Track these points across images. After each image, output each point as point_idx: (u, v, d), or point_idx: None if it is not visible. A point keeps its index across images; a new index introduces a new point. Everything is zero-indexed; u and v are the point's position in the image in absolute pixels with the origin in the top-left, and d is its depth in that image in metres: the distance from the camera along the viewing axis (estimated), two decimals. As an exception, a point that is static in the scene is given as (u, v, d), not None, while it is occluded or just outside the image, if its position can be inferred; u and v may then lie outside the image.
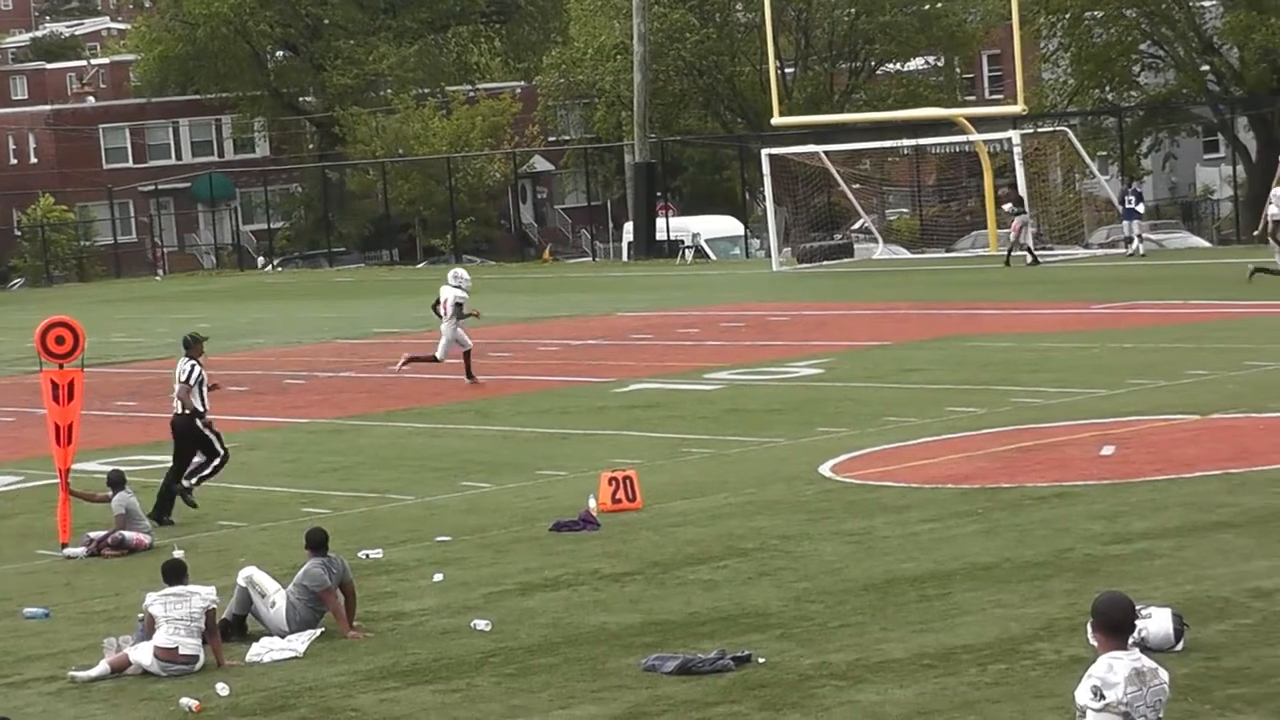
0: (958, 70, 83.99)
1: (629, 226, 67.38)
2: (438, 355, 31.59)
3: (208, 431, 21.63)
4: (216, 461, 21.71)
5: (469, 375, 31.25)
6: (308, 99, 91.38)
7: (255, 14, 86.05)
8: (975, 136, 54.50)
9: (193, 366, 21.45)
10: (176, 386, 21.55)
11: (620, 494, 19.80)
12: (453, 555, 18.25)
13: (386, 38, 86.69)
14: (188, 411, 21.50)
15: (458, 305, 31.39)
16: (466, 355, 31.38)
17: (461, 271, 33.09)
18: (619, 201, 79.94)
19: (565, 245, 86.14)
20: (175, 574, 15.04)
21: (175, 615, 14.65)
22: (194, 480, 21.60)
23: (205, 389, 21.56)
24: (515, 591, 16.49)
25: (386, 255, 79.73)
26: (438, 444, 26.00)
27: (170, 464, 21.81)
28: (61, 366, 20.28)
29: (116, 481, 19.95)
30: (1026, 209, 49.44)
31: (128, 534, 19.69)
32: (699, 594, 15.85)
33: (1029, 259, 48.60)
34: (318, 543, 15.58)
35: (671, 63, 76.44)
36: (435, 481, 22.74)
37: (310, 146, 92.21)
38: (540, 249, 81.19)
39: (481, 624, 15.23)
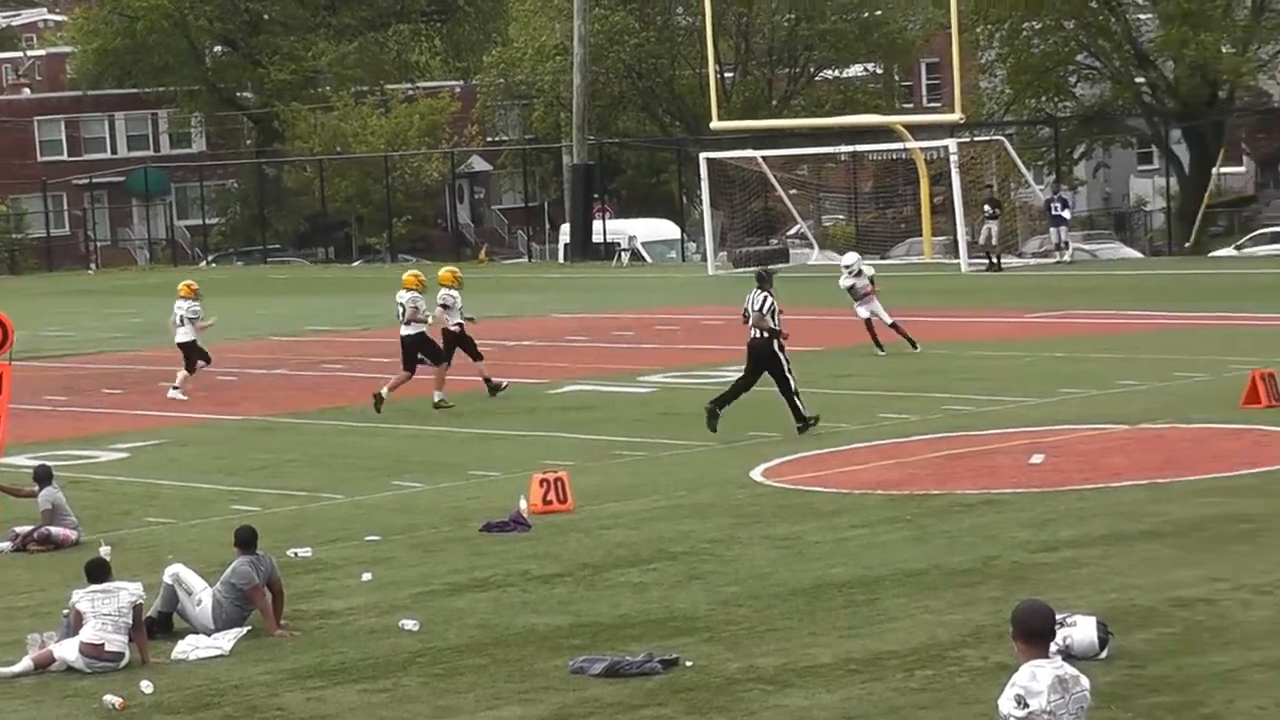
0: (896, 78, 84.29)
1: (565, 228, 67.35)
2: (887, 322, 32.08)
3: (780, 354, 23.94)
4: (792, 384, 24.05)
5: (910, 343, 31.73)
6: (245, 95, 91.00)
7: (195, 8, 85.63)
8: (912, 144, 54.71)
9: (765, 298, 23.92)
10: (751, 315, 23.95)
11: (551, 495, 19.79)
12: (382, 555, 18.21)
13: (326, 34, 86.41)
14: (764, 335, 23.91)
15: (849, 289, 32.22)
16: (893, 327, 31.80)
17: (851, 255, 33.77)
18: (556, 203, 79.88)
19: (502, 246, 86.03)
20: (99, 572, 14.95)
21: (103, 611, 14.57)
22: (807, 420, 23.92)
23: (778, 316, 23.97)
24: (444, 592, 16.47)
25: (322, 253, 79.47)
26: (370, 443, 25.94)
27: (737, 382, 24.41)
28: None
29: (43, 476, 19.82)
30: (1000, 211, 50.57)
31: (54, 529, 19.58)
32: (628, 596, 15.86)
33: (990, 262, 49.48)
34: (246, 540, 15.53)
35: (611, 65, 76.51)
36: (366, 481, 22.69)
37: (247, 142, 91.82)
38: (476, 249, 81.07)
39: (409, 624, 15.20)
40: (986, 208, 50.78)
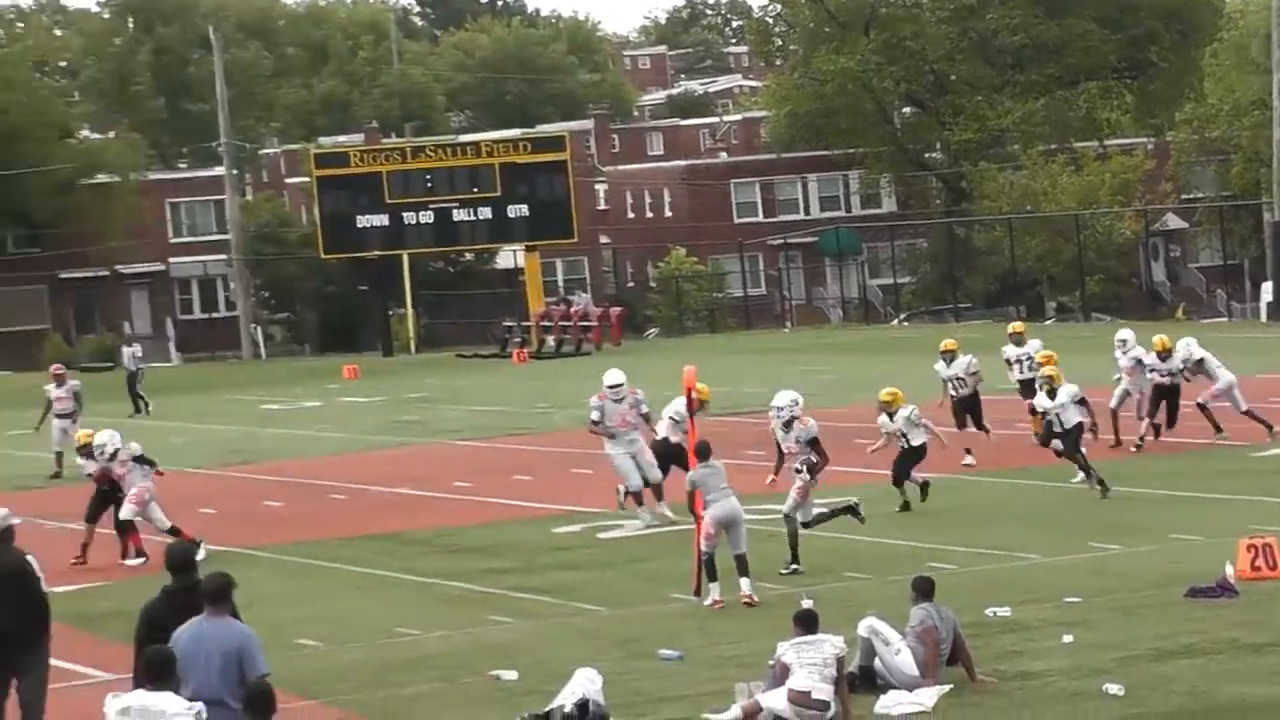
0: None
1: (1267, 286, 65.15)
2: None
3: None
4: None
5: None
6: (934, 155, 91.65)
7: (881, 70, 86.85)
8: None
9: None
10: None
11: (1260, 561, 19.09)
12: (1079, 617, 17.88)
13: (1012, 93, 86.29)
14: None
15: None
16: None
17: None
18: (1256, 261, 77.48)
19: (1199, 304, 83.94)
20: (807, 623, 15.22)
21: (808, 660, 14.81)
22: None
23: None
24: (1148, 656, 16.04)
25: (1013, 311, 79.11)
26: (1063, 502, 25.55)
27: None
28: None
29: None
30: None
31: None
32: (1346, 671, 15.11)
33: None
34: (924, 590, 15.97)
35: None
36: (1062, 541, 22.35)
37: (936, 202, 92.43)
38: (1172, 307, 79.36)
39: (1114, 688, 14.87)
40: None
